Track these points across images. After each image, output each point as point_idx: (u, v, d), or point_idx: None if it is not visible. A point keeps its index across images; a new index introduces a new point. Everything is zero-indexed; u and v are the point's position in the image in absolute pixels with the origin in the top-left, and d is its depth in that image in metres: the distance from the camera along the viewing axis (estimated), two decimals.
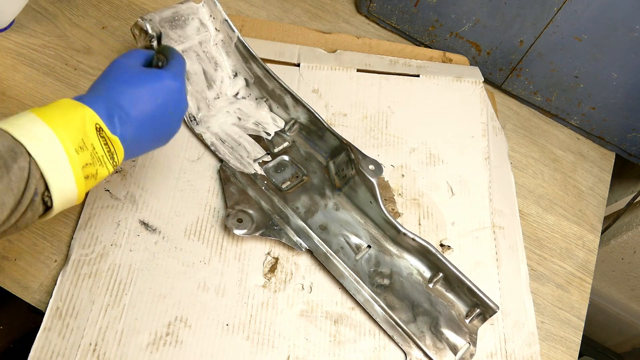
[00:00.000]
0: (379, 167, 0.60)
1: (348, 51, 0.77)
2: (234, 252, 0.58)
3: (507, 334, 0.59)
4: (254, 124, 0.67)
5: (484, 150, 0.71)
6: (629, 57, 0.69)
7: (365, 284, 0.58)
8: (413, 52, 0.80)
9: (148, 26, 0.61)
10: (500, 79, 0.82)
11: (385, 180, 0.66)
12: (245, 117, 0.67)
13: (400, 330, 0.56)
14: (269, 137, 0.67)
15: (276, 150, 0.66)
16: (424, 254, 0.59)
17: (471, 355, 0.56)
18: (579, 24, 0.69)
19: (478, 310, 0.58)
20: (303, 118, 0.66)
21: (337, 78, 0.74)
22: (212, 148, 0.64)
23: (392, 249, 0.61)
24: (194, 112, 0.65)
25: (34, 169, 0.36)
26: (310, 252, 0.59)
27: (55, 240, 0.57)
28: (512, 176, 0.72)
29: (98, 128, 0.40)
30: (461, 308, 0.59)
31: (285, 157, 0.66)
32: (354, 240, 0.61)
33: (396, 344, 0.56)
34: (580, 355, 0.65)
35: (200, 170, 0.63)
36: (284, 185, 0.63)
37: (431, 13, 0.79)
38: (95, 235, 0.57)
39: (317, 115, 0.64)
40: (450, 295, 0.59)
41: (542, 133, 0.81)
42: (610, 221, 0.82)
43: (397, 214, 0.64)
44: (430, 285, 0.59)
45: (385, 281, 0.59)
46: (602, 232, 0.76)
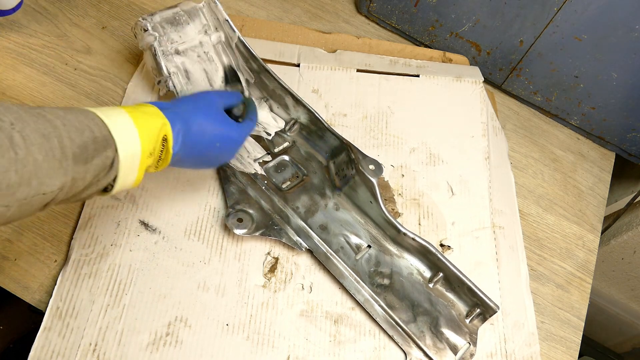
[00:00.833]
0: (379, 167, 0.60)
1: (348, 51, 0.77)
2: (234, 252, 0.58)
3: (507, 334, 0.59)
4: None
5: (484, 150, 0.71)
6: (629, 57, 0.69)
7: (366, 284, 0.58)
8: (413, 52, 0.80)
9: (149, 26, 0.61)
10: (500, 79, 0.82)
11: (385, 180, 0.66)
12: None
13: (400, 330, 0.56)
14: (270, 137, 0.67)
15: (276, 150, 0.66)
16: (424, 253, 0.59)
17: (471, 355, 0.56)
18: (579, 24, 0.69)
19: (478, 310, 0.58)
20: (303, 118, 0.66)
21: (337, 78, 0.74)
22: None
23: (392, 248, 0.61)
24: None
25: (115, 163, 0.42)
26: (310, 252, 0.59)
27: (55, 240, 0.57)
28: (512, 176, 0.72)
29: (164, 138, 0.46)
30: (461, 308, 0.59)
31: (286, 157, 0.66)
32: (354, 240, 0.61)
33: (396, 344, 0.56)
34: (580, 355, 0.65)
35: (200, 169, 0.63)
36: (284, 185, 0.63)
37: (431, 13, 0.79)
38: (95, 235, 0.57)
39: (318, 115, 0.64)
40: (450, 295, 0.59)
41: (542, 133, 0.81)
42: (610, 221, 0.82)
43: (397, 214, 0.64)
44: (431, 285, 0.59)
45: (386, 281, 0.59)
46: (602, 232, 0.76)
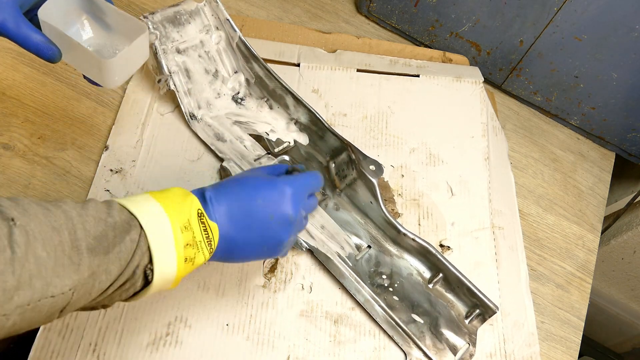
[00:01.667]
0: (379, 168, 0.60)
1: (348, 51, 0.77)
2: None
3: (507, 334, 0.59)
4: (254, 123, 0.67)
5: (484, 150, 0.71)
6: (629, 57, 0.69)
7: (366, 284, 0.58)
8: (413, 52, 0.80)
9: (150, 25, 0.61)
10: (500, 79, 0.82)
11: (385, 180, 0.66)
12: (246, 117, 0.67)
13: (400, 330, 0.56)
14: (270, 137, 0.67)
15: (277, 150, 0.66)
16: (424, 254, 0.59)
17: (471, 355, 0.56)
18: (579, 24, 0.69)
19: (478, 310, 0.58)
20: (304, 118, 0.66)
21: (337, 78, 0.74)
22: (213, 147, 0.64)
23: (392, 249, 0.61)
24: (195, 111, 0.65)
25: (142, 242, 0.37)
26: (310, 252, 0.59)
27: None
28: (512, 176, 0.72)
29: (200, 213, 0.41)
30: (461, 308, 0.59)
31: (286, 157, 0.66)
32: (354, 240, 0.61)
33: (396, 344, 0.56)
34: (580, 355, 0.65)
35: (200, 170, 0.63)
36: None
37: (431, 13, 0.79)
38: None
39: (318, 115, 0.64)
40: (450, 296, 0.59)
41: (542, 133, 0.81)
42: (610, 221, 0.82)
43: (397, 214, 0.64)
44: (430, 285, 0.59)
45: (386, 281, 0.59)
46: (602, 232, 0.76)
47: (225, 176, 0.62)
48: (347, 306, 0.58)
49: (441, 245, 0.63)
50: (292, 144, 0.67)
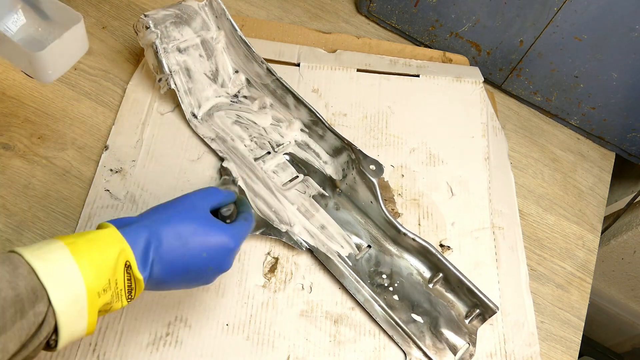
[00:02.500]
0: (379, 167, 0.60)
1: (348, 51, 0.77)
2: None
3: (507, 334, 0.59)
4: (255, 122, 0.67)
5: (483, 150, 0.71)
6: (629, 57, 0.69)
7: (366, 284, 0.58)
8: (413, 52, 0.80)
9: (151, 23, 0.61)
10: (500, 79, 0.82)
11: (385, 180, 0.66)
12: (247, 116, 0.67)
13: (400, 330, 0.56)
14: (270, 136, 0.67)
15: (277, 149, 0.66)
16: (424, 254, 0.59)
17: (471, 355, 0.56)
18: (579, 24, 0.69)
19: (478, 310, 0.58)
20: (304, 118, 0.66)
21: (337, 78, 0.74)
22: (213, 147, 0.64)
23: (392, 249, 0.61)
24: (195, 111, 0.65)
25: (49, 316, 0.33)
26: (310, 252, 0.59)
27: None
28: (512, 176, 0.72)
29: (127, 265, 0.38)
30: (461, 308, 0.59)
31: (286, 157, 0.66)
32: (354, 240, 0.61)
33: (396, 344, 0.56)
34: (580, 355, 0.65)
35: (200, 170, 0.63)
36: (284, 185, 0.63)
37: (431, 13, 0.79)
38: None
39: (319, 115, 0.64)
40: (450, 296, 0.59)
41: (542, 133, 0.81)
42: (610, 221, 0.82)
43: (397, 214, 0.64)
44: (430, 285, 0.59)
45: (386, 281, 0.59)
46: (602, 232, 0.76)
47: (226, 176, 0.62)
48: (347, 306, 0.58)
49: (441, 245, 0.63)
50: (292, 143, 0.67)
